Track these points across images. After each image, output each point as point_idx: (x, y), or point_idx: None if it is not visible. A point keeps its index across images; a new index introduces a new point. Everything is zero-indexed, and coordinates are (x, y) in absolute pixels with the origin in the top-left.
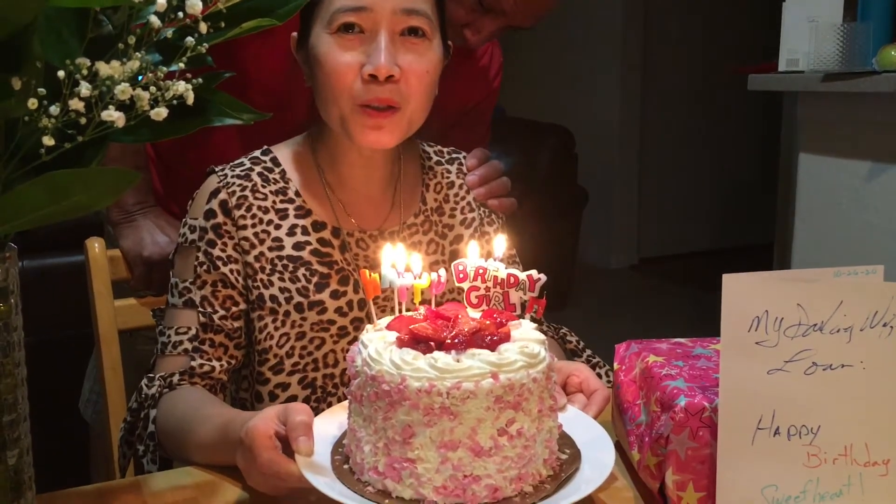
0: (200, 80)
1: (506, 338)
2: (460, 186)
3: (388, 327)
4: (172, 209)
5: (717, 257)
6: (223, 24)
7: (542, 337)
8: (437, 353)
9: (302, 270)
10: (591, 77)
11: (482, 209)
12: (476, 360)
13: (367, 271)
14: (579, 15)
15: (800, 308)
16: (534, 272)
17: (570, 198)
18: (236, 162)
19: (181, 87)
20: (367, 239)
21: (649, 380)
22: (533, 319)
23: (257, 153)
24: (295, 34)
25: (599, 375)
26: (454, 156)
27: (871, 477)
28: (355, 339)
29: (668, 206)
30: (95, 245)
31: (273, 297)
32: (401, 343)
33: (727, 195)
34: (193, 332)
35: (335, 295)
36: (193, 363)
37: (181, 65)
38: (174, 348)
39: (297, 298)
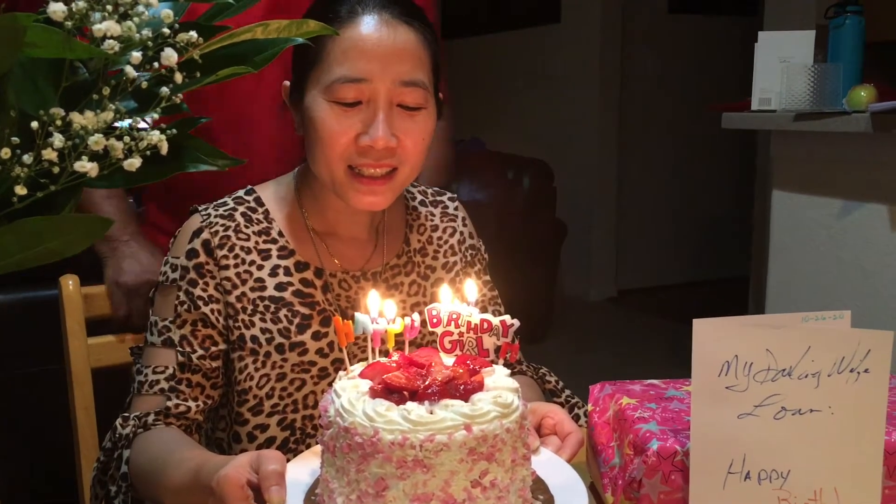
0: (174, 130)
1: (479, 386)
2: (444, 230)
3: (362, 375)
4: (167, 228)
5: (694, 290)
6: (198, 74)
7: (515, 385)
8: (410, 405)
9: (284, 311)
10: (569, 112)
11: (466, 252)
12: (449, 412)
13: (340, 318)
14: (558, 50)
15: (769, 353)
16: (507, 317)
17: (549, 231)
18: (220, 201)
19: (155, 136)
20: (350, 280)
21: (622, 422)
22: (507, 365)
23: (241, 192)
24: (287, 83)
25: (577, 416)
26: (438, 198)
27: None
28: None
29: (646, 239)
30: (69, 282)
31: (254, 338)
32: (374, 393)
33: (704, 229)
34: (171, 371)
35: (316, 336)
36: (169, 403)
37: (155, 115)
38: (150, 388)
39: (279, 339)
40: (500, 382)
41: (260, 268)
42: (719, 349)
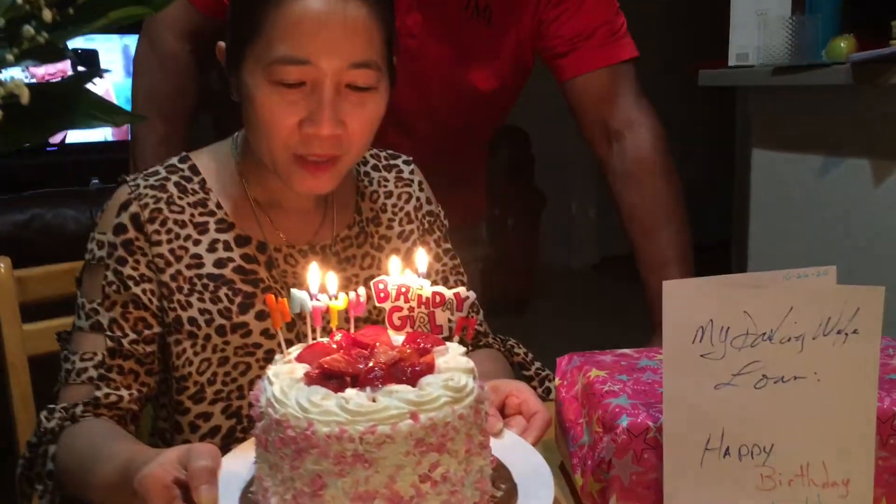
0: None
1: (428, 369)
2: (399, 196)
3: (299, 358)
4: None
5: None
6: (71, 11)
7: (470, 365)
8: (349, 392)
9: (224, 290)
10: (544, 76)
11: (423, 219)
12: (393, 399)
13: (273, 296)
14: None
15: (747, 316)
16: (461, 290)
17: (529, 199)
18: (150, 170)
19: (11, 84)
20: (297, 254)
21: (591, 397)
22: (462, 342)
23: (174, 160)
24: (222, 43)
25: (549, 390)
26: (392, 162)
27: (831, 498)
28: None
29: None
30: (0, 265)
31: (192, 320)
32: (310, 380)
33: (686, 194)
34: (100, 357)
35: (261, 316)
36: (98, 393)
37: (11, 56)
38: (78, 376)
39: (219, 321)
40: (453, 363)
41: (196, 243)
42: (693, 313)
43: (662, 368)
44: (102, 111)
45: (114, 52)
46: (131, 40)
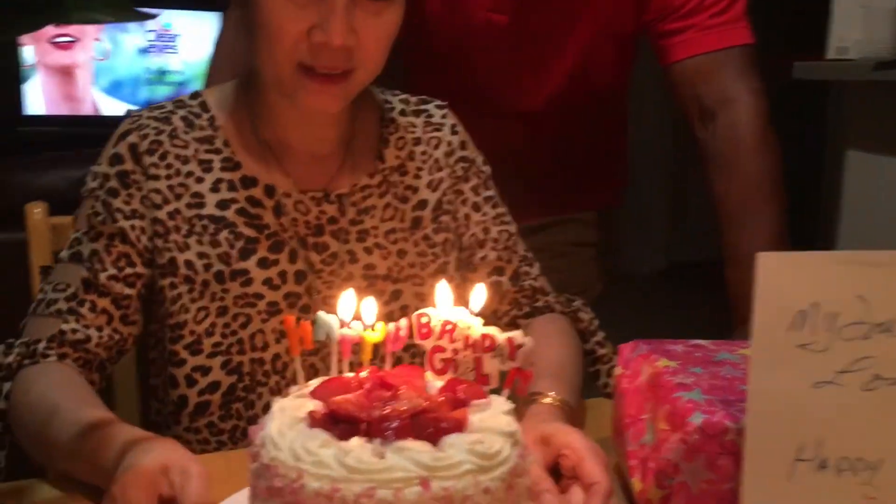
0: None
1: (457, 426)
2: (428, 142)
3: (314, 393)
4: None
5: None
6: None
7: (512, 428)
8: (353, 442)
9: (225, 233)
10: None
11: (455, 165)
12: (403, 458)
13: (294, 318)
14: None
15: (861, 301)
16: (517, 334)
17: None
18: (157, 104)
19: None
20: (309, 202)
21: (658, 389)
22: (512, 398)
23: (185, 97)
24: None
25: (598, 373)
26: (422, 107)
27: None
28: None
29: (702, 207)
30: (36, 211)
31: (188, 263)
32: (313, 421)
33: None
34: (73, 290)
35: (263, 264)
36: (65, 326)
37: None
38: (47, 307)
39: (218, 266)
40: (490, 422)
41: (199, 181)
42: (792, 293)
43: (748, 362)
44: (107, 2)
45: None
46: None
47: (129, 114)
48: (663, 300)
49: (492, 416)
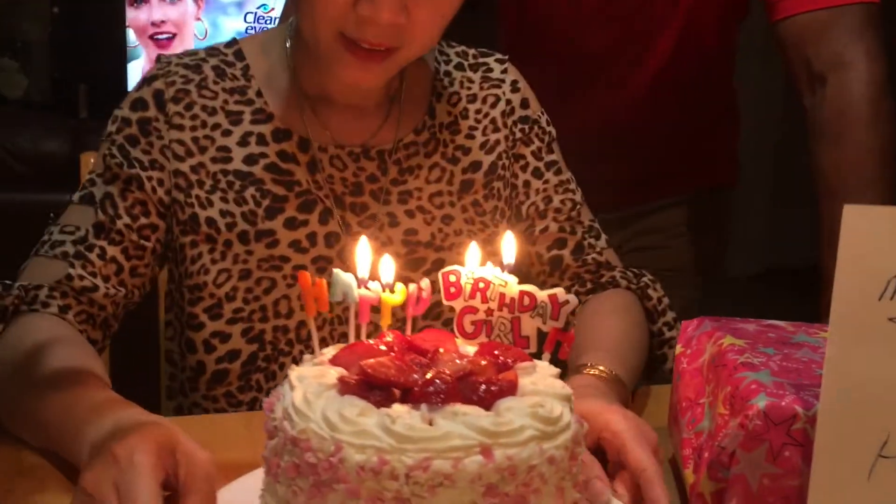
0: None
1: (509, 388)
2: (484, 100)
3: (334, 360)
4: None
5: None
6: None
7: (567, 391)
8: (397, 408)
9: (251, 190)
10: None
11: (515, 125)
12: (459, 424)
13: (309, 273)
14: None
15: None
16: (559, 290)
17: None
18: (190, 50)
19: None
20: (347, 157)
21: (720, 369)
22: (554, 362)
23: (221, 44)
24: None
25: (665, 357)
26: (481, 60)
27: None
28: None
29: (805, 209)
30: (91, 160)
31: (210, 221)
32: (345, 388)
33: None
34: (83, 233)
35: (291, 224)
36: (72, 271)
37: None
38: (52, 248)
39: (242, 225)
40: (543, 385)
41: (227, 133)
42: (884, 256)
43: (827, 340)
44: None
45: None
46: None
47: (159, 59)
48: (759, 306)
49: (542, 380)
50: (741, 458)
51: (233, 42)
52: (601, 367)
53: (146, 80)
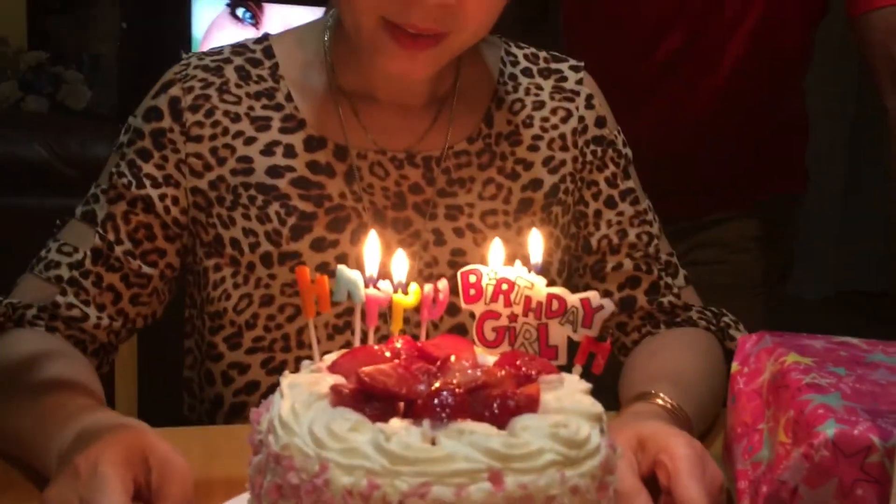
0: None
1: (529, 405)
2: (554, 111)
3: (333, 368)
4: None
5: None
6: None
7: (597, 409)
8: (394, 424)
9: (275, 206)
10: None
11: (587, 146)
12: (465, 444)
13: (307, 270)
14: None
15: None
16: (593, 294)
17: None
18: (215, 48)
19: None
20: (388, 164)
21: (781, 390)
22: (586, 377)
23: (249, 40)
24: None
25: None
26: (554, 66)
27: None
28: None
29: (878, 230)
30: None
31: (234, 242)
32: (337, 398)
33: None
34: (80, 256)
35: (319, 245)
36: (61, 299)
37: None
38: (46, 269)
39: (266, 246)
40: (570, 402)
41: (250, 142)
42: None
43: None
44: None
45: None
46: None
47: (181, 58)
48: (829, 330)
49: (569, 396)
50: (805, 495)
51: (263, 38)
52: (667, 398)
53: (163, 87)
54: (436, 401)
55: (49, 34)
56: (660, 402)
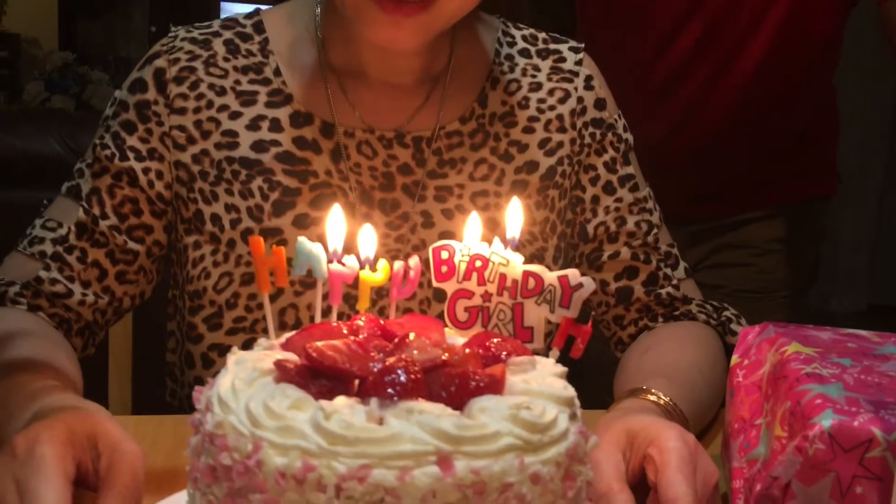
0: None
1: (492, 386)
2: (551, 92)
3: (287, 345)
4: None
5: None
6: None
7: (568, 393)
8: (339, 401)
9: (258, 181)
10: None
11: (585, 128)
12: (413, 425)
13: (261, 238)
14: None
15: None
16: (572, 272)
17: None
18: (204, 24)
19: None
20: (377, 143)
21: (780, 381)
22: (563, 362)
23: (240, 15)
24: None
25: None
26: (553, 46)
27: None
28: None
29: None
30: None
31: (215, 218)
32: (282, 374)
33: None
34: (64, 231)
35: (301, 222)
36: (44, 274)
37: None
38: (30, 245)
39: (247, 222)
40: (538, 385)
41: (235, 116)
42: None
43: None
44: None
45: None
46: None
47: (170, 30)
48: None
49: (538, 378)
50: (798, 493)
51: (255, 13)
52: (661, 394)
53: (148, 59)
54: (386, 378)
55: (79, 37)
56: (652, 398)
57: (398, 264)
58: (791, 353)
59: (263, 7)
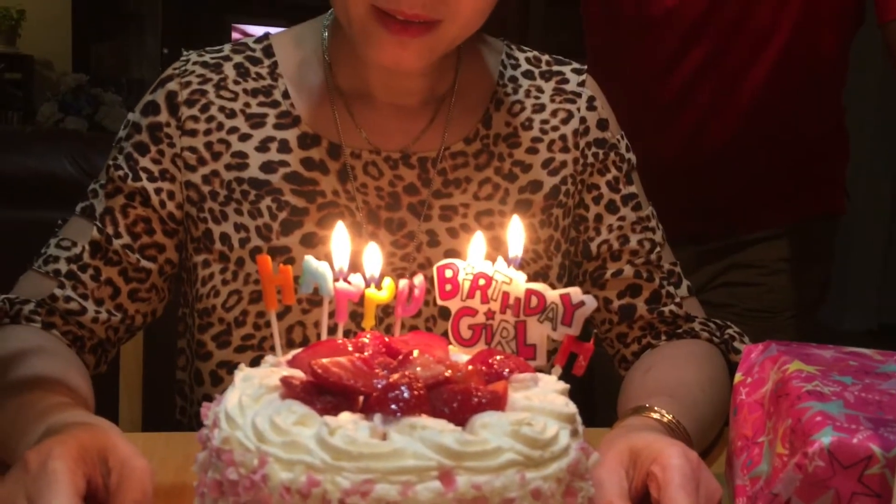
0: None
1: (495, 402)
2: (554, 113)
3: (293, 362)
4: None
5: None
6: None
7: (570, 410)
8: (343, 417)
9: (267, 201)
10: None
11: (588, 148)
12: (415, 440)
13: (269, 257)
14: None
15: None
16: (574, 290)
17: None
18: (216, 48)
19: None
20: (383, 164)
21: (781, 399)
22: (565, 378)
23: (250, 40)
24: None
25: None
26: (556, 68)
27: None
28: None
29: None
30: None
31: (224, 237)
32: (288, 391)
33: None
34: (78, 250)
35: (309, 241)
36: (59, 292)
37: None
38: (45, 264)
39: (255, 241)
40: (539, 401)
41: (244, 138)
42: None
43: None
44: None
45: None
46: None
47: (181, 55)
48: None
49: (540, 395)
50: None
51: (264, 37)
52: (664, 412)
53: (161, 82)
54: (390, 395)
55: (92, 59)
56: (655, 415)
57: (403, 282)
58: (793, 370)
59: (273, 30)
